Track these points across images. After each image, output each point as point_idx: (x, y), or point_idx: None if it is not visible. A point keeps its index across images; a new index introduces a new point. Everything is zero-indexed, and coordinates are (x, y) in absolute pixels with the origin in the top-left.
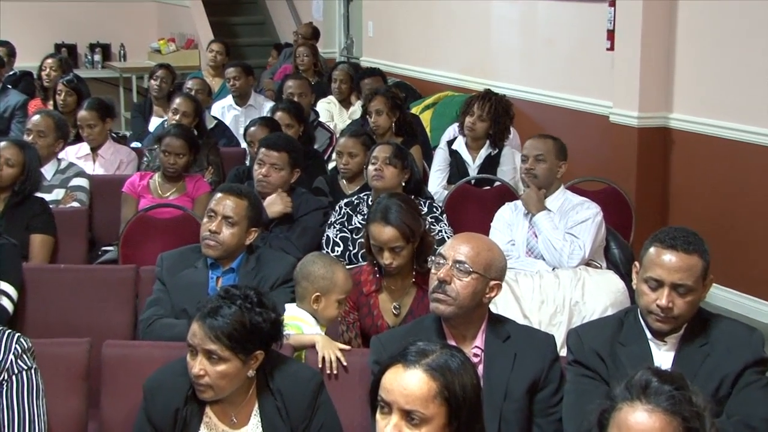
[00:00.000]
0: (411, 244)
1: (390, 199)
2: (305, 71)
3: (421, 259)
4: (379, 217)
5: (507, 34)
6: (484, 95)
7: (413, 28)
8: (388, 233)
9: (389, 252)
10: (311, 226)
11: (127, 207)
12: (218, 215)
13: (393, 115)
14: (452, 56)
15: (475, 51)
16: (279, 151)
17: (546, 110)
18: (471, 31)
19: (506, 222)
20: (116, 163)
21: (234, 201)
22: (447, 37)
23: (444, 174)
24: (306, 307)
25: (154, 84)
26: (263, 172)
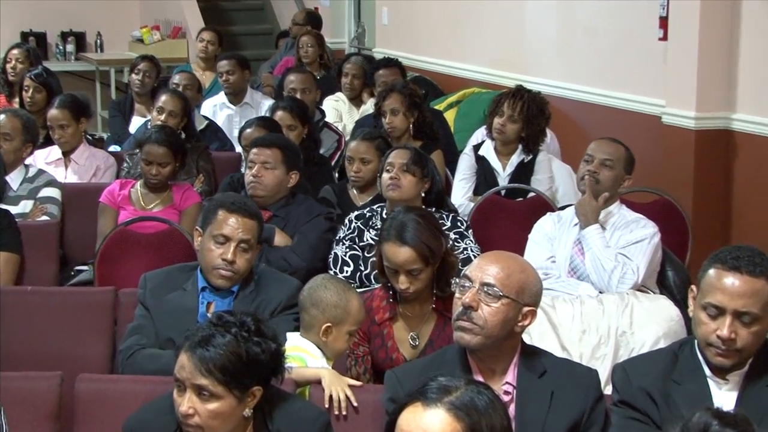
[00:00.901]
0: (431, 266)
1: (406, 214)
2: (310, 64)
3: (443, 283)
4: (393, 236)
5: (542, 22)
6: (515, 92)
7: (434, 14)
8: (404, 254)
9: (405, 275)
10: (315, 233)
11: (104, 220)
12: (232, 240)
13: (411, 114)
14: (479, 47)
15: (505, 41)
16: (270, 148)
17: (587, 110)
18: (501, 19)
19: (547, 235)
20: (92, 170)
21: (248, 223)
22: (474, 25)
23: (470, 183)
24: (312, 338)
25: (135, 78)
26: (254, 172)
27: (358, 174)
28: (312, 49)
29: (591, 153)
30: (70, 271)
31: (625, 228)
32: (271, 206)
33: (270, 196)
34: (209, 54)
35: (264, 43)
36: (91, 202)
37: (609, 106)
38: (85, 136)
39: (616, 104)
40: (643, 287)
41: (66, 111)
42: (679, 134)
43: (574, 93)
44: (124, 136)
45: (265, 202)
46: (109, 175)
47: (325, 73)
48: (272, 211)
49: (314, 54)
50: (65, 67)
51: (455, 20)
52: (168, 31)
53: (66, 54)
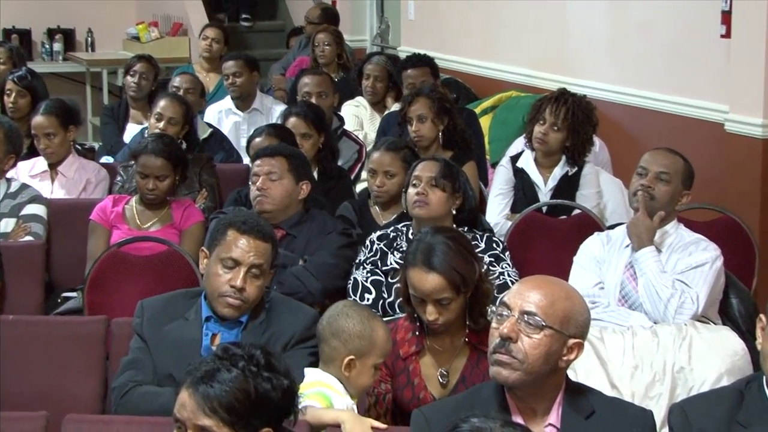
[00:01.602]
0: (462, 295)
1: (435, 235)
2: (326, 65)
3: (476, 313)
4: (420, 261)
5: (590, 17)
6: (558, 96)
7: (467, 8)
8: (433, 282)
9: (434, 305)
10: (330, 249)
11: (95, 240)
12: (242, 265)
13: (440, 121)
14: (518, 45)
15: (547, 38)
16: (273, 157)
17: (640, 116)
18: (543, 13)
19: (594, 258)
20: (81, 184)
21: (261, 246)
22: (511, 20)
23: (507, 199)
24: (333, 373)
25: (131, 81)
26: (258, 185)
27: (381, 189)
28: (329, 48)
29: (645, 165)
30: (56, 298)
31: (683, 250)
32: (283, 224)
33: (280, 211)
34: (213, 53)
35: (275, 41)
36: (80, 221)
37: (665, 112)
38: (74, 146)
39: (673, 110)
40: (704, 317)
41: (53, 118)
42: (745, 144)
43: (625, 97)
44: (118, 146)
45: (275, 218)
46: (100, 189)
47: (343, 75)
48: (285, 229)
49: (331, 53)
50: (52, 69)
51: (491, 15)
52: (167, 28)
53: (53, 53)
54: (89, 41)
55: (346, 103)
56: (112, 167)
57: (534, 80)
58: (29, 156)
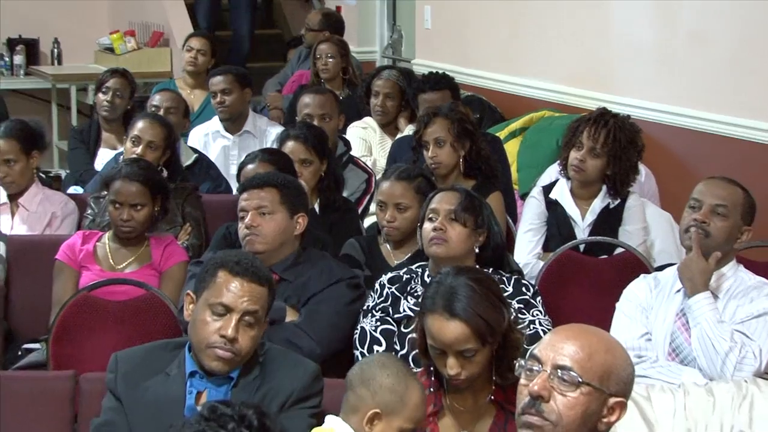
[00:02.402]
0: (488, 346)
1: (457, 276)
2: (330, 80)
3: (504, 366)
4: (440, 307)
5: (634, 26)
6: (598, 117)
7: (492, 15)
8: (454, 331)
9: (456, 357)
10: (334, 306)
11: (62, 284)
12: (235, 312)
13: (461, 146)
14: (551, 58)
15: (585, 50)
16: (263, 188)
17: (693, 139)
18: (580, 22)
19: (640, 304)
20: (46, 218)
21: (257, 290)
22: (543, 29)
23: (538, 236)
24: (354, 424)
25: (103, 99)
26: (248, 221)
27: (391, 224)
28: (333, 61)
29: (698, 197)
30: (16, 350)
31: (743, 296)
32: (275, 266)
33: (273, 251)
34: (199, 67)
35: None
36: (44, 261)
37: (721, 135)
38: (38, 174)
39: (731, 132)
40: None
41: (12, 142)
42: None
43: (676, 117)
44: (88, 174)
45: (269, 259)
46: (68, 224)
47: (349, 93)
48: (278, 273)
49: (335, 67)
50: (12, 84)
51: (520, 23)
52: (146, 38)
53: (13, 67)
54: (55, 53)
55: (352, 125)
56: (82, 199)
57: (569, 98)
58: None
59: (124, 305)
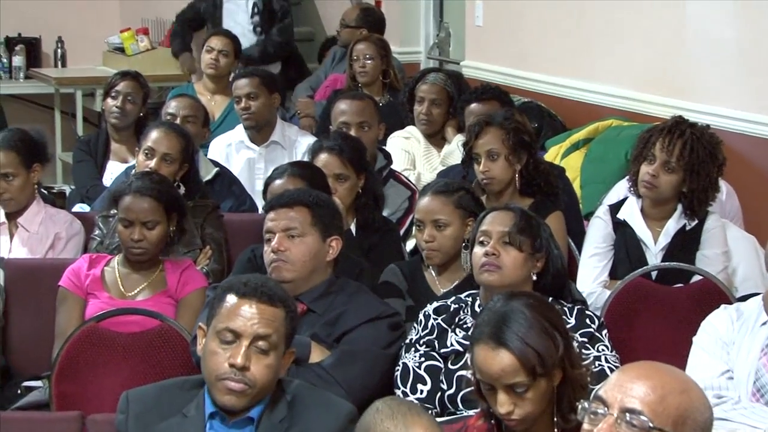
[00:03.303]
0: (544, 380)
1: (510, 301)
2: (368, 85)
3: (565, 406)
4: (487, 334)
5: (712, 24)
6: (672, 127)
7: (552, 12)
8: (500, 362)
9: (506, 393)
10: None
11: (66, 313)
12: (244, 337)
13: (517, 159)
14: (619, 60)
15: (658, 51)
16: (292, 207)
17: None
18: (652, 21)
19: (721, 339)
20: (48, 240)
21: (269, 312)
22: (611, 28)
23: (605, 261)
24: None
25: (113, 105)
26: (274, 245)
27: (430, 244)
28: (371, 63)
29: None
30: (16, 387)
31: None
32: (303, 295)
33: (303, 279)
34: (221, 70)
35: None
36: (46, 287)
37: None
38: (39, 191)
39: None
40: None
41: (11, 154)
42: None
43: (761, 128)
44: (96, 190)
45: (297, 288)
46: (72, 247)
47: (390, 99)
48: (306, 304)
49: (375, 70)
50: (10, 89)
51: (585, 21)
52: (160, 36)
53: (12, 70)
54: (59, 54)
55: (393, 135)
56: (88, 218)
57: (640, 105)
58: None
59: (136, 337)
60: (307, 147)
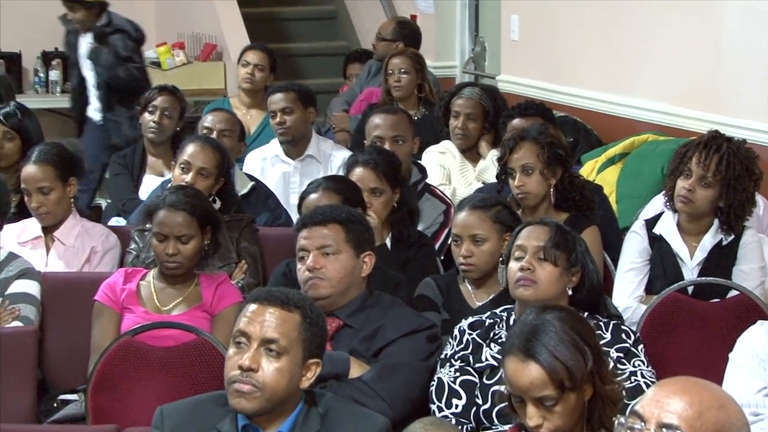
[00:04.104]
0: (573, 395)
1: (542, 314)
2: (403, 99)
3: (595, 421)
4: (516, 347)
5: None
6: (709, 141)
7: (588, 26)
8: (529, 374)
9: (535, 406)
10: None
11: (102, 327)
12: (253, 340)
13: (552, 174)
14: (655, 74)
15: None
16: (325, 225)
17: None
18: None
19: (757, 355)
20: (84, 254)
21: (278, 314)
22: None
23: (641, 276)
24: None
25: (149, 119)
26: (309, 263)
27: (468, 260)
28: (407, 77)
29: None
30: (52, 401)
31: None
32: (339, 311)
33: (339, 295)
34: (256, 84)
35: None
36: (82, 301)
37: None
38: (75, 204)
39: None
40: None
41: (47, 168)
42: None
43: None
44: (132, 203)
45: (333, 304)
46: (108, 261)
47: (425, 113)
48: (342, 318)
49: (410, 84)
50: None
51: (620, 35)
52: (197, 51)
53: (48, 84)
54: None
55: (428, 150)
56: (124, 232)
57: (676, 119)
58: (18, 217)
59: (171, 351)
60: (342, 161)
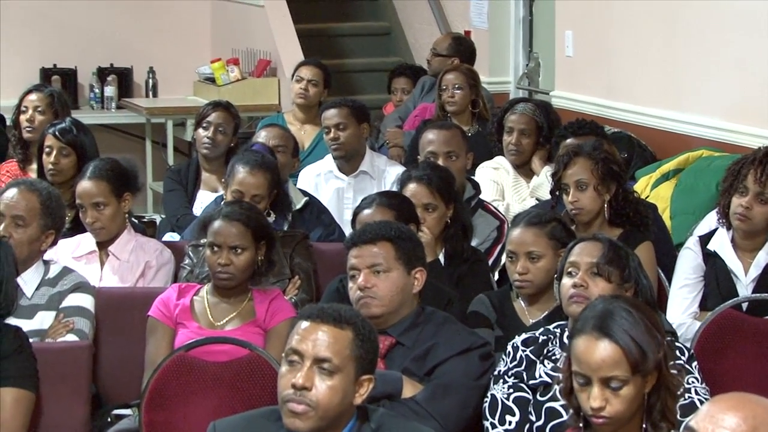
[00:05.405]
0: (640, 379)
1: (612, 301)
2: (457, 114)
3: (656, 413)
4: (590, 326)
5: None
6: (764, 157)
7: (643, 42)
8: (603, 351)
9: (601, 387)
10: (461, 380)
11: (156, 343)
12: (306, 358)
13: (606, 189)
14: (710, 89)
15: (749, 81)
16: (375, 243)
17: None
18: (744, 49)
19: None
20: (139, 269)
21: (331, 332)
22: (701, 57)
23: (695, 293)
24: None
25: (203, 135)
26: (360, 282)
27: (523, 277)
28: (461, 93)
29: None
30: (106, 415)
31: None
32: (391, 329)
33: (391, 313)
34: (310, 99)
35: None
36: (136, 316)
37: None
38: (130, 220)
39: None
40: None
41: (102, 183)
42: None
43: None
44: (186, 219)
45: (385, 322)
46: (162, 276)
47: (479, 128)
48: (395, 336)
49: (464, 99)
50: (102, 119)
51: (674, 50)
52: (251, 67)
53: (104, 100)
54: (150, 84)
55: (482, 165)
56: (179, 247)
57: (731, 135)
58: (73, 232)
59: (225, 367)
60: (396, 177)
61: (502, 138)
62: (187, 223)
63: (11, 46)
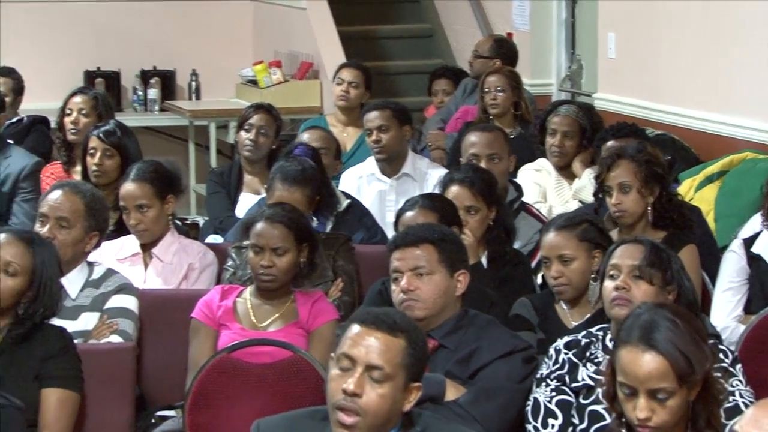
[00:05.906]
0: (685, 390)
1: (657, 310)
2: (499, 117)
3: (702, 421)
4: (636, 338)
5: None
6: None
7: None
8: (650, 364)
9: (647, 399)
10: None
11: (199, 344)
12: (358, 364)
13: (649, 192)
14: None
15: None
16: (417, 246)
17: None
18: None
19: None
20: (182, 270)
21: (385, 340)
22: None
23: (739, 296)
24: None
25: (246, 137)
26: (404, 285)
27: (558, 280)
28: (503, 95)
29: None
30: (150, 417)
31: None
32: (434, 331)
33: (434, 316)
34: (352, 102)
35: None
36: (180, 318)
37: None
38: (173, 222)
39: None
40: None
41: (146, 185)
42: None
43: None
44: (229, 221)
45: (428, 324)
46: (206, 278)
47: (521, 131)
48: (438, 339)
49: (506, 102)
50: (145, 121)
51: (718, 52)
52: (293, 69)
53: (147, 102)
54: (193, 86)
55: (524, 168)
56: (221, 249)
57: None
58: (116, 234)
59: (268, 368)
60: (438, 179)
61: (545, 140)
62: (230, 225)
63: (56, 50)
